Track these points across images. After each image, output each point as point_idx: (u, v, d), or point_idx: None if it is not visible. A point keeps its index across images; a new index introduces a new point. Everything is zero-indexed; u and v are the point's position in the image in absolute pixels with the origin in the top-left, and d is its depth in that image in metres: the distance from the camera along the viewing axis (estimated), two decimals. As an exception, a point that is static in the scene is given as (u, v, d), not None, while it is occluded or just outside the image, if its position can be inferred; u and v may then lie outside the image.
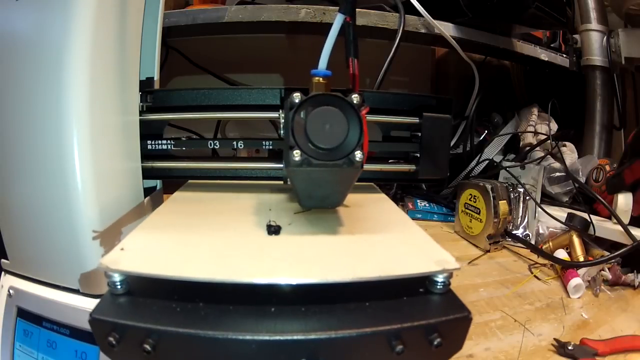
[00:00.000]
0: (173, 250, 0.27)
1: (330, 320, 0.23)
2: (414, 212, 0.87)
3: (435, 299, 0.25)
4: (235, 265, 0.25)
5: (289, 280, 0.24)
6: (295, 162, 0.26)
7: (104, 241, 0.34)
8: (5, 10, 0.33)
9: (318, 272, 0.24)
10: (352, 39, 0.31)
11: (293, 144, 0.26)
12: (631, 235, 0.59)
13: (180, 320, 0.22)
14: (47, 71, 0.32)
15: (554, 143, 0.85)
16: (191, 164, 0.44)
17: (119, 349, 0.22)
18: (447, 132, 0.43)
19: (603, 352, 0.44)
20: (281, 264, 0.26)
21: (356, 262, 0.26)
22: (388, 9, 0.82)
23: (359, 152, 0.27)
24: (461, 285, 0.59)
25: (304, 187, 0.31)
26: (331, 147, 0.27)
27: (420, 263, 0.26)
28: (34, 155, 0.33)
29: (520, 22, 0.92)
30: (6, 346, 0.36)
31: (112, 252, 0.25)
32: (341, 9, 0.30)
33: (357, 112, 0.27)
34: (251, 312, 0.24)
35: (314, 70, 0.30)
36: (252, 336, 0.22)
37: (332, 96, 0.27)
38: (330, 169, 0.27)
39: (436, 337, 0.23)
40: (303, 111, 0.27)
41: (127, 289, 0.25)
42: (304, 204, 0.35)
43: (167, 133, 0.43)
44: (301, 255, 0.27)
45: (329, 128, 0.27)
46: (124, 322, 0.22)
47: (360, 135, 0.27)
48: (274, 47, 1.03)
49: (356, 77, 0.31)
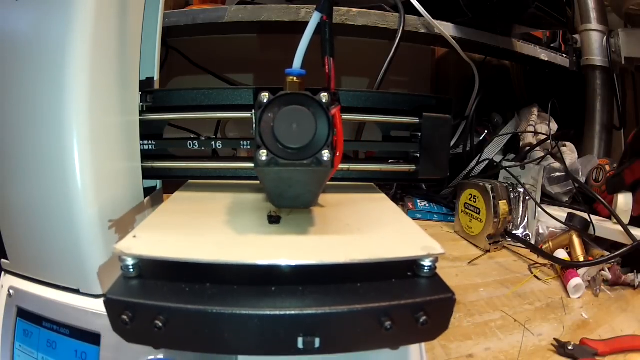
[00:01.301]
0: (181, 238, 0.29)
1: (326, 299, 0.25)
2: (414, 212, 0.87)
3: (422, 282, 0.27)
4: (239, 249, 0.27)
5: (289, 262, 0.26)
6: (262, 162, 0.27)
7: (104, 241, 0.34)
8: (5, 10, 0.33)
9: (315, 255, 0.26)
10: (329, 38, 0.31)
11: (260, 144, 0.27)
12: (631, 235, 0.59)
13: (188, 299, 0.24)
14: (47, 71, 0.32)
15: (554, 143, 0.85)
16: (191, 164, 0.44)
17: (132, 326, 0.24)
18: (447, 132, 0.43)
19: (603, 352, 0.44)
20: (281, 248, 0.28)
21: (349, 247, 0.28)
22: (388, 9, 0.82)
23: (326, 151, 0.27)
24: (461, 285, 0.59)
25: (274, 186, 0.32)
26: (299, 146, 0.27)
27: (408, 248, 0.28)
28: (34, 155, 0.33)
29: (520, 22, 0.92)
30: (6, 346, 0.36)
31: (126, 239, 0.27)
32: (318, 7, 0.30)
33: (326, 110, 0.27)
34: (254, 291, 0.26)
35: (288, 70, 0.29)
36: (254, 311, 0.24)
37: (301, 95, 0.27)
38: (298, 169, 0.27)
39: (422, 315, 0.24)
40: (271, 111, 0.27)
41: (139, 272, 0.26)
42: (277, 204, 0.35)
43: (167, 133, 0.43)
44: (300, 241, 0.29)
45: (296, 127, 0.27)
46: (137, 301, 0.24)
47: (329, 135, 0.27)
48: (274, 47, 1.03)
49: (332, 76, 0.31)
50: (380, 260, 0.26)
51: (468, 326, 0.50)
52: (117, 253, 0.25)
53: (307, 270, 0.27)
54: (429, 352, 0.45)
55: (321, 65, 0.32)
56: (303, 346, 0.24)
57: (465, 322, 0.51)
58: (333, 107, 0.27)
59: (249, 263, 0.25)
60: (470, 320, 0.52)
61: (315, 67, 0.31)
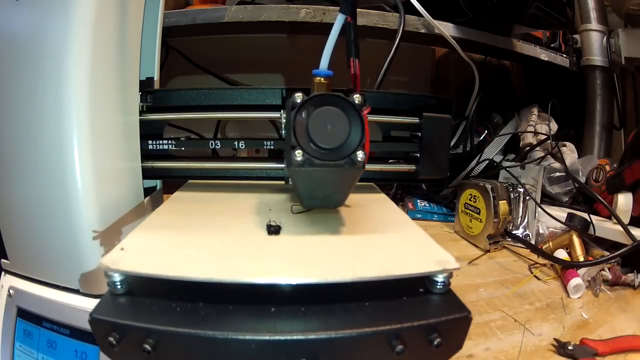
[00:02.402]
0: (173, 251, 0.27)
1: (330, 320, 0.23)
2: (414, 212, 0.87)
3: (435, 299, 0.25)
4: (235, 265, 0.25)
5: (289, 280, 0.24)
6: (297, 162, 0.26)
7: (104, 241, 0.34)
8: (5, 10, 0.33)
9: (318, 272, 0.24)
10: (353, 39, 0.31)
11: (295, 144, 0.26)
12: (631, 235, 0.59)
13: (180, 320, 0.22)
14: (47, 71, 0.32)
15: (554, 143, 0.85)
16: (191, 164, 0.44)
17: (119, 349, 0.22)
18: (447, 132, 0.43)
19: (603, 352, 0.44)
20: (281, 264, 0.26)
21: (356, 262, 0.26)
22: (388, 9, 0.82)
23: (360, 152, 0.27)
24: (461, 285, 0.59)
25: (306, 187, 0.31)
26: (333, 147, 0.27)
27: (420, 263, 0.26)
28: (34, 155, 0.33)
29: (520, 22, 0.92)
30: (6, 346, 0.36)
31: (112, 252, 0.25)
32: (342, 8, 0.30)
33: (359, 112, 0.27)
34: (251, 312, 0.24)
35: (316, 70, 0.30)
36: (252, 336, 0.22)
37: (334, 96, 0.27)
38: (332, 169, 0.27)
39: (436, 337, 0.23)
40: (305, 111, 0.27)
41: (127, 288, 0.25)
42: (306, 204, 0.35)
43: (167, 133, 0.43)
44: (301, 255, 0.27)
45: (330, 128, 0.27)
46: (124, 322, 0.22)
47: (362, 135, 0.27)
48: (274, 47, 1.04)
49: (357, 77, 0.31)
50: (391, 277, 0.24)
51: (468, 326, 0.50)
52: (103, 268, 0.24)
53: (309, 289, 0.25)
54: (429, 352, 0.45)
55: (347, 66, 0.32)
56: (306, 373, 0.22)
57: (465, 322, 0.51)
58: (364, 108, 0.28)
59: (245, 282, 0.24)
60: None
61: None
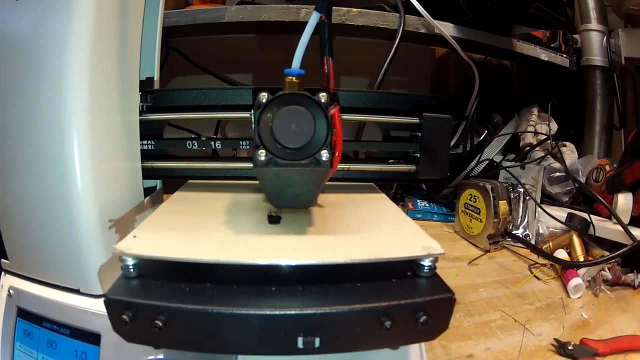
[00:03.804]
0: (181, 238, 0.29)
1: (325, 298, 0.25)
2: (414, 212, 0.87)
3: (422, 282, 0.27)
4: (239, 249, 0.27)
5: (289, 262, 0.26)
6: (261, 162, 0.27)
7: (104, 241, 0.34)
8: (5, 10, 0.33)
9: (314, 255, 0.26)
10: (328, 38, 0.31)
11: (259, 144, 0.27)
12: (631, 235, 0.59)
13: (189, 299, 0.24)
14: (47, 71, 0.32)
15: (554, 143, 0.85)
16: (191, 164, 0.44)
17: (132, 326, 0.24)
18: (447, 132, 0.43)
19: (603, 352, 0.44)
20: (281, 248, 0.28)
21: (349, 247, 0.28)
22: (388, 9, 0.82)
23: (325, 151, 0.27)
24: (461, 285, 0.59)
25: (273, 186, 0.32)
26: (298, 146, 0.27)
27: (408, 248, 0.28)
28: (34, 155, 0.33)
29: (520, 22, 0.92)
30: (6, 346, 0.36)
31: (126, 239, 0.27)
32: (317, 7, 0.30)
33: (325, 110, 0.27)
34: (254, 291, 0.26)
35: (287, 70, 0.29)
36: (255, 311, 0.24)
37: (299, 95, 0.27)
38: (297, 169, 0.27)
39: (422, 315, 0.24)
40: (270, 111, 0.27)
41: (139, 272, 0.26)
42: (275, 204, 0.35)
43: (167, 133, 0.43)
44: (300, 241, 0.29)
45: (295, 127, 0.27)
46: (137, 301, 0.24)
47: (328, 135, 0.27)
48: (274, 47, 1.03)
49: (331, 76, 0.31)
50: (380, 260, 0.26)
51: (468, 326, 0.50)
52: (117, 253, 0.25)
53: (307, 270, 0.27)
54: (429, 352, 0.45)
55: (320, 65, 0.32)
56: (303, 346, 0.24)
57: (465, 322, 0.51)
58: (332, 107, 0.27)
59: (248, 263, 0.25)
60: (470, 320, 0.52)
61: (316, 66, 0.31)
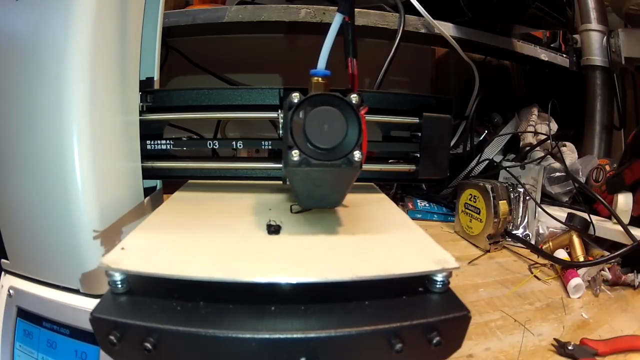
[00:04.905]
0: (173, 250, 0.27)
1: (330, 319, 0.23)
2: (414, 212, 0.86)
3: (435, 298, 0.25)
4: (236, 265, 0.25)
5: (289, 279, 0.24)
6: (294, 162, 0.26)
7: (104, 241, 0.34)
8: (5, 10, 0.33)
9: (318, 271, 0.24)
10: (351, 39, 0.31)
11: (292, 144, 0.26)
12: (631, 235, 0.59)
13: (180, 319, 0.23)
14: (47, 71, 0.32)
15: (554, 143, 0.85)
16: (191, 164, 0.44)
17: (120, 347, 0.22)
18: (447, 132, 0.43)
19: (603, 352, 0.44)
20: (281, 263, 0.26)
21: (356, 261, 0.26)
22: (388, 9, 0.82)
23: (357, 152, 0.27)
24: (461, 285, 0.59)
25: (303, 187, 0.31)
26: (330, 147, 0.27)
27: (419, 262, 0.26)
28: (34, 155, 0.33)
29: (520, 22, 0.92)
30: (6, 346, 0.36)
31: (113, 252, 0.26)
32: (340, 8, 0.30)
33: (356, 112, 0.27)
34: (251, 310, 0.24)
35: (313, 70, 0.30)
36: (252, 335, 0.22)
37: (331, 96, 0.27)
38: (329, 169, 0.27)
39: (435, 335, 0.23)
40: (302, 111, 0.27)
41: (127, 288, 0.25)
42: (303, 204, 0.35)
43: (167, 133, 0.43)
44: (301, 254, 0.27)
45: (327, 128, 0.27)
46: (125, 321, 0.22)
47: (359, 135, 0.27)
48: (274, 47, 1.04)
49: (355, 77, 0.31)
50: (391, 276, 0.24)
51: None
52: (104, 267, 0.24)
53: (309, 287, 0.25)
54: (429, 352, 0.45)
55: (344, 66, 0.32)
56: (306, 371, 0.22)
57: (465, 322, 0.51)
58: (362, 108, 0.28)
59: (245, 281, 0.24)
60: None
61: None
